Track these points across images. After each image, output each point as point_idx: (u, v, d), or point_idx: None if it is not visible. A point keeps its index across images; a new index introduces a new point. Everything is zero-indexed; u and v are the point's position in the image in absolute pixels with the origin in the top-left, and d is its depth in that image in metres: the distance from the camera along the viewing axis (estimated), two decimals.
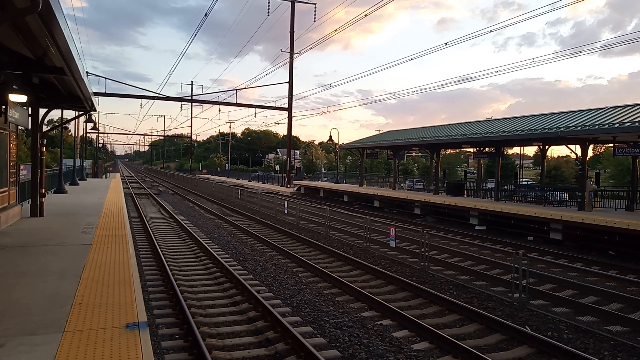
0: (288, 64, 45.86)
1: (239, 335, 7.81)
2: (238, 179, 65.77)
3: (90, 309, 5.67)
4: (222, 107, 48.72)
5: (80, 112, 17.75)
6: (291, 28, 45.32)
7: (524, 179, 45.00)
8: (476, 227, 22.32)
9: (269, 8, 44.08)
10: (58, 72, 9.81)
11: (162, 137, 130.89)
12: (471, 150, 33.55)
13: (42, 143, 14.70)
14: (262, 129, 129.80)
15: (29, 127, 14.46)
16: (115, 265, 7.97)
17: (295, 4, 45.10)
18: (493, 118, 35.51)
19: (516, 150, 48.04)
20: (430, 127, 36.14)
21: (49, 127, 20.19)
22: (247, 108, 52.29)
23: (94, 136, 70.18)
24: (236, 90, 44.16)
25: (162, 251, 14.02)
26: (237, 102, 45.84)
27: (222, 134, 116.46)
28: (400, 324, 8.51)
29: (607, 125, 18.14)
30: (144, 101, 43.38)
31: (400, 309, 9.22)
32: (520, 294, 9.81)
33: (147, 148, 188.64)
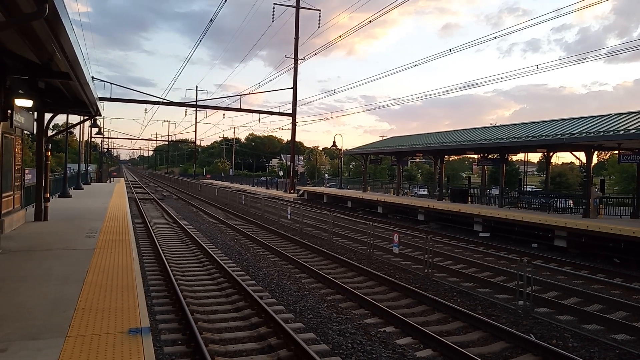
0: (292, 69, 46.01)
1: (242, 341, 7.79)
2: (242, 184, 65.86)
3: (93, 314, 5.66)
4: (226, 112, 48.81)
5: (85, 117, 17.84)
6: (296, 34, 45.49)
7: (528, 186, 44.88)
8: (480, 234, 22.23)
9: (273, 14, 44.32)
10: (64, 77, 9.87)
11: (167, 142, 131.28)
12: (475, 156, 33.49)
13: (47, 147, 14.76)
14: (266, 135, 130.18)
15: (35, 131, 14.54)
16: (118, 270, 7.97)
17: (300, 10, 45.30)
18: (497, 124, 35.49)
19: (520, 156, 47.99)
20: (434, 133, 36.11)
21: (54, 132, 20.30)
22: (251, 113, 52.44)
23: (98, 141, 70.60)
24: (240, 95, 44.31)
25: (165, 256, 14.02)
26: (242, 107, 45.85)
27: (226, 139, 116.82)
28: (404, 331, 8.47)
29: (612, 132, 18.06)
30: (148, 106, 43.63)
31: (404, 315, 9.18)
32: (525, 301, 9.75)
33: (151, 153, 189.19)
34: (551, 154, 26.40)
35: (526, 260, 10.19)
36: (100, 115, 17.12)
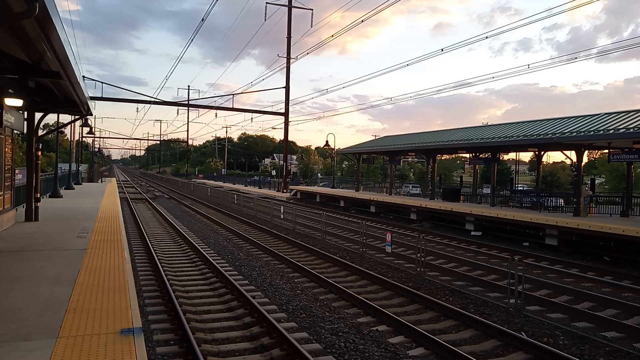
0: (284, 68, 45.96)
1: (235, 341, 7.78)
2: (234, 183, 65.70)
3: (84, 315, 5.64)
4: (218, 112, 48.71)
5: (77, 116, 17.71)
6: (288, 33, 45.43)
7: (519, 185, 45.14)
8: (472, 233, 22.34)
9: (265, 13, 44.23)
10: (54, 77, 9.80)
11: (159, 142, 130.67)
12: (467, 155, 33.67)
13: (37, 147, 14.65)
14: (258, 134, 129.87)
15: (25, 131, 14.41)
16: (110, 270, 7.93)
17: (292, 9, 45.25)
18: (489, 124, 35.69)
19: (512, 156, 48.29)
20: (427, 132, 36.24)
21: (44, 131, 20.15)
22: (243, 113, 52.33)
23: (89, 140, 70.15)
24: (233, 95, 44.22)
25: (157, 256, 13.96)
26: (234, 106, 45.74)
27: (218, 139, 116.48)
28: (396, 330, 8.49)
29: (602, 132, 18.23)
30: (140, 105, 43.43)
31: (396, 314, 9.21)
32: (516, 299, 9.82)
33: (143, 152, 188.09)
34: (542, 153, 26.59)
35: (517, 258, 10.25)
36: (91, 114, 17.01)
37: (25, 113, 14.21)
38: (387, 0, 25.34)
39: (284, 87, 46.08)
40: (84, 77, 19.09)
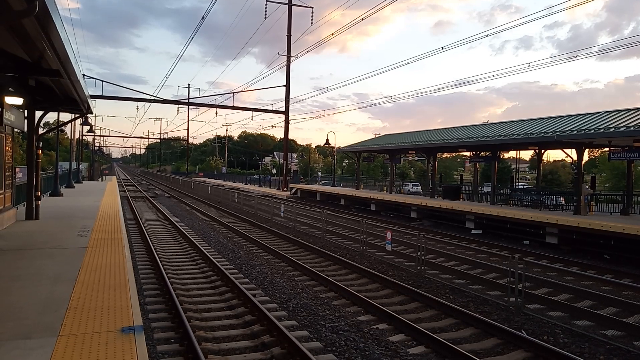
0: (284, 66, 45.95)
1: (235, 339, 7.79)
2: (235, 182, 65.73)
3: (85, 313, 5.64)
4: (218, 110, 48.71)
5: (77, 115, 17.70)
6: (288, 31, 45.42)
7: (520, 183, 45.15)
8: (472, 231, 22.35)
9: (266, 11, 44.18)
10: (54, 75, 9.79)
11: (159, 140, 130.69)
12: (467, 154, 33.64)
13: (38, 146, 14.65)
14: (259, 132, 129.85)
15: (25, 129, 14.42)
16: (110, 269, 7.94)
17: (292, 7, 45.20)
18: (489, 122, 35.66)
19: (512, 154, 48.27)
20: (427, 130, 36.21)
21: (45, 130, 20.17)
22: (244, 111, 52.33)
23: (90, 139, 70.19)
24: (233, 93, 44.20)
25: (158, 254, 13.97)
26: (234, 105, 45.84)
27: (218, 137, 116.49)
28: (397, 328, 8.50)
29: (602, 130, 18.21)
30: (140, 104, 43.48)
31: (397, 312, 9.21)
32: (516, 298, 9.82)
33: (143, 151, 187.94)
34: (543, 151, 26.56)
35: (518, 257, 10.25)
36: (91, 113, 17.01)
37: (26, 111, 14.21)
38: None
39: (284, 86, 46.09)
40: (84, 75, 19.10)
